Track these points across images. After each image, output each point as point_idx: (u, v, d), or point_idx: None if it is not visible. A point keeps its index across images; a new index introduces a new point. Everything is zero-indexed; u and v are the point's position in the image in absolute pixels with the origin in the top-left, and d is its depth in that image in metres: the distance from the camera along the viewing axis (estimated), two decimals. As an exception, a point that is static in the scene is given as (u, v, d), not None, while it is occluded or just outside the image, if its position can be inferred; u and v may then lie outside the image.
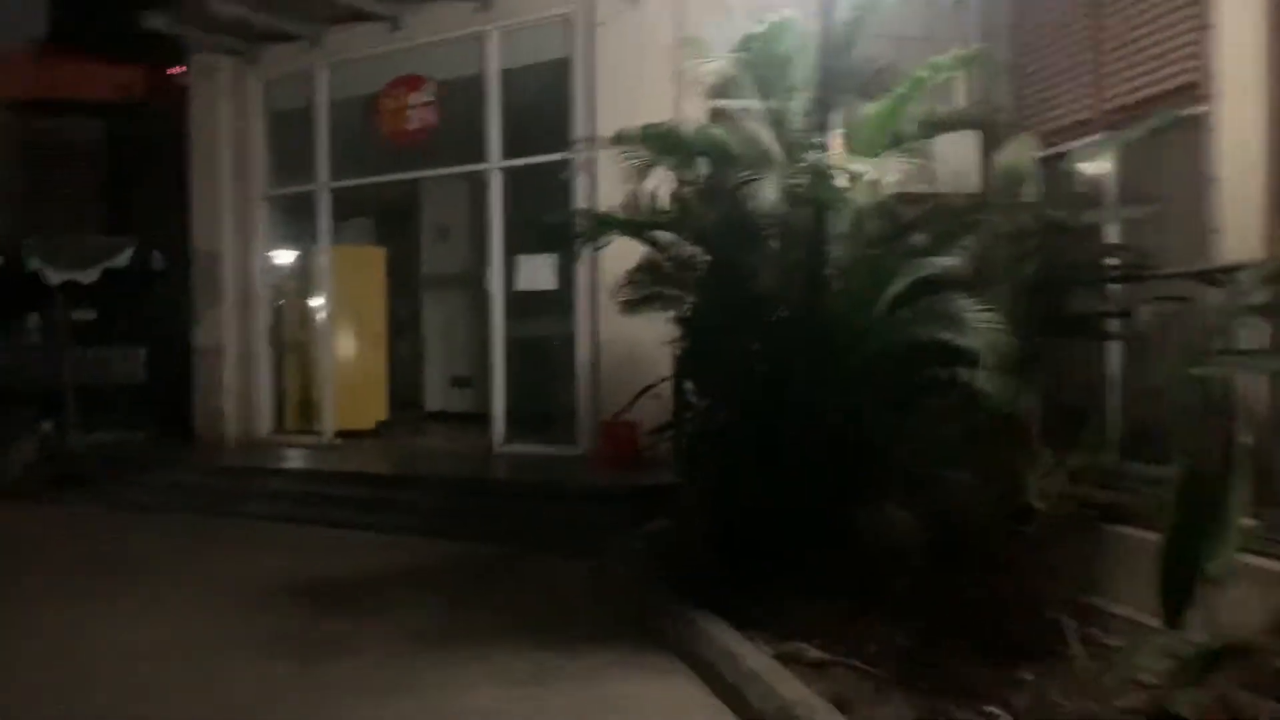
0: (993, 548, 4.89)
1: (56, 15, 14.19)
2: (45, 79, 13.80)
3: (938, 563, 5.20)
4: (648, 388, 6.78)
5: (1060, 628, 4.48)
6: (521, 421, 10.55)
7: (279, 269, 12.40)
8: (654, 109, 7.66)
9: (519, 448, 10.18)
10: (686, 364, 6.46)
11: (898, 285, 5.34)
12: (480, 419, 13.14)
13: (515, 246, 10.38)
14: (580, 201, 9.61)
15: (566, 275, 9.95)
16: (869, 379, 5.43)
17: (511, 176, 10.36)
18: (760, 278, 5.46)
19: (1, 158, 14.92)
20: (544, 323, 10.90)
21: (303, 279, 12.32)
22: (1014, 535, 5.00)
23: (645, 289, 6.84)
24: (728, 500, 5.97)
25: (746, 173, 5.03)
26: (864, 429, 5.34)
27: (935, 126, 5.53)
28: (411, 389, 15.62)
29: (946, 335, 5.15)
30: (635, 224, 6.38)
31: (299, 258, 12.34)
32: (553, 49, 10.04)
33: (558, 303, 10.46)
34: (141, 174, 13.70)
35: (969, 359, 5.27)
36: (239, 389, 12.02)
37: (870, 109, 5.37)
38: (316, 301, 11.92)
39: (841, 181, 4.98)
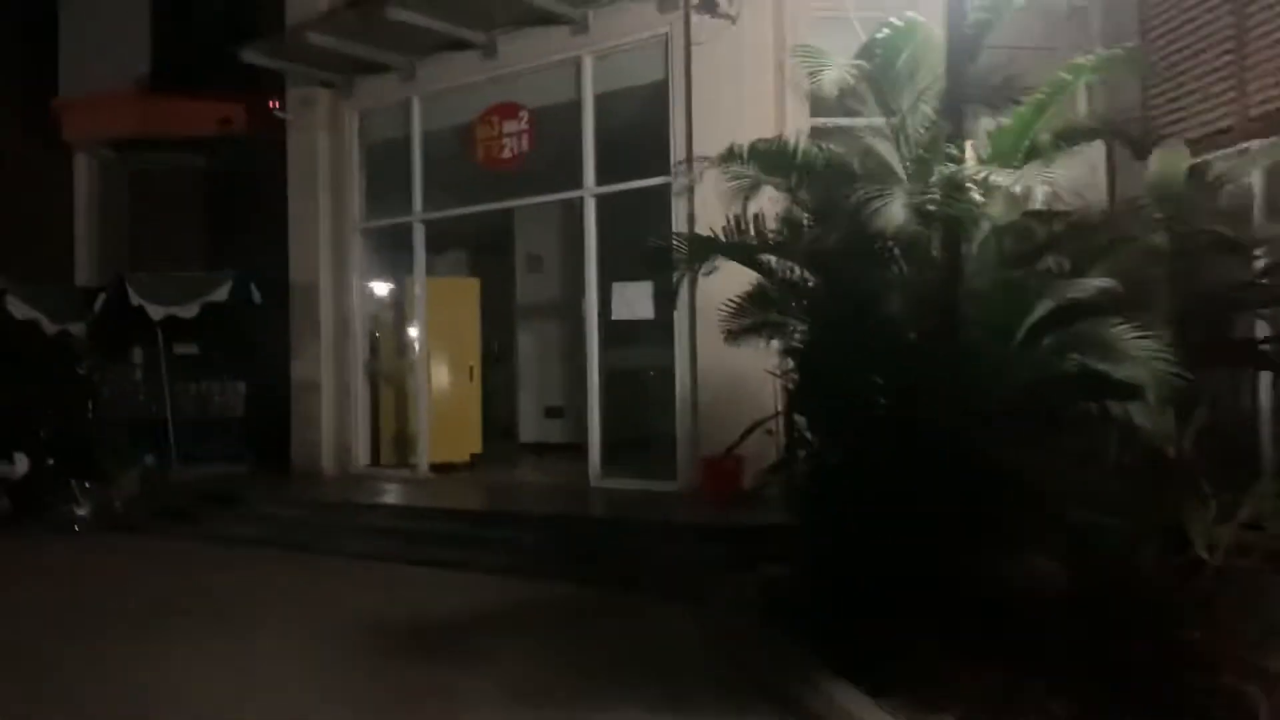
0: (1157, 604, 4.34)
1: (159, 53, 14.39)
2: (148, 116, 14.02)
3: (1094, 620, 4.67)
4: (759, 423, 6.37)
5: (1243, 696, 3.93)
6: (618, 455, 10.21)
7: (374, 301, 12.32)
8: (754, 130, 7.23)
9: (616, 482, 9.83)
10: (799, 398, 6.02)
11: (1040, 310, 4.85)
12: (575, 450, 12.91)
13: (611, 274, 10.08)
14: (678, 227, 9.27)
15: (665, 304, 9.60)
16: (1009, 414, 4.93)
17: (606, 203, 10.07)
18: (884, 304, 5.01)
19: (107, 195, 15.25)
20: (641, 353, 10.58)
21: (398, 311, 12.24)
22: (1180, 589, 4.44)
23: (751, 317, 6.46)
24: (850, 546, 5.51)
25: (868, 189, 4.59)
26: (1005, 470, 4.83)
27: (1075, 136, 5.03)
28: (505, 420, 15.52)
29: (1101, 366, 4.65)
30: (741, 247, 5.99)
31: (394, 290, 12.26)
32: (648, 72, 9.75)
33: (655, 332, 10.13)
34: (241, 208, 13.80)
35: (1122, 391, 4.78)
36: (335, 422, 11.93)
37: (1008, 118, 4.89)
38: (411, 333, 11.78)
39: (977, 196, 4.52)
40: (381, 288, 12.36)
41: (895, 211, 4.49)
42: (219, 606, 7.30)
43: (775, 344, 6.89)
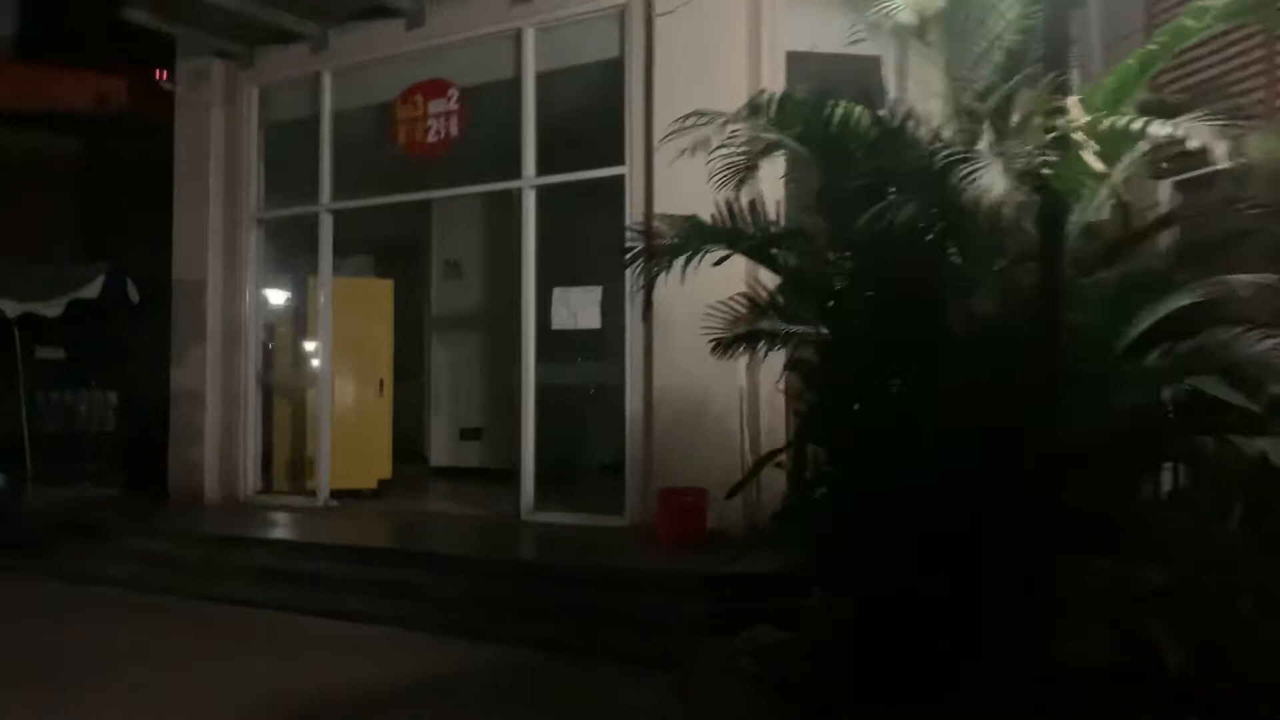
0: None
1: (27, 15, 12.65)
2: (13, 87, 12.24)
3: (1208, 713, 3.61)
4: (771, 454, 5.17)
5: None
6: (554, 484, 8.91)
7: (271, 303, 10.80)
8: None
9: (551, 515, 8.53)
10: (817, 423, 4.85)
11: (1148, 317, 3.80)
12: (494, 477, 11.65)
13: (551, 278, 8.81)
14: (633, 221, 8.08)
15: (614, 312, 8.39)
16: (1105, 450, 3.85)
17: (548, 196, 8.81)
18: (951, 304, 3.88)
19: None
20: (584, 369, 9.33)
21: (298, 315, 10.75)
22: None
23: (747, 324, 5.31)
24: (885, 610, 4.37)
25: (953, 150, 3.46)
26: (1104, 520, 3.74)
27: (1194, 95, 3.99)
28: (414, 442, 14.16)
29: (1223, 390, 3.61)
30: (750, 236, 4.83)
31: (294, 290, 10.77)
32: (601, 47, 8.54)
33: (601, 345, 8.92)
34: (119, 194, 12.13)
35: (1252, 423, 3.74)
36: (221, 441, 10.36)
37: (1114, 70, 3.83)
38: (314, 341, 10.30)
39: (1094, 160, 3.42)
40: (280, 288, 10.85)
41: (993, 179, 3.36)
42: (62, 676, 5.77)
43: (765, 358, 5.84)
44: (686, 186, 5.57)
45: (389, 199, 9.83)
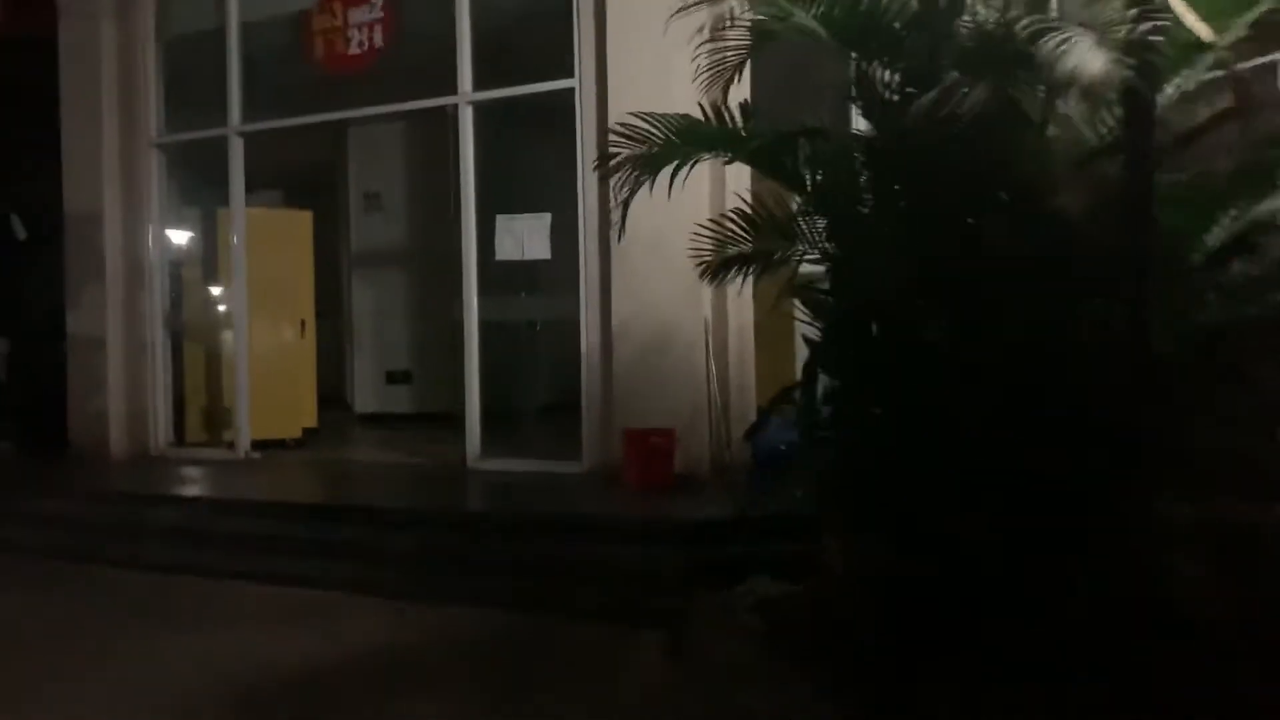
0: None
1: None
2: None
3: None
4: (790, 388, 4.61)
5: None
6: (502, 429, 8.27)
7: (177, 237, 9.84)
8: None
9: (501, 463, 7.89)
10: (834, 350, 4.30)
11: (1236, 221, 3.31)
12: (425, 421, 11.00)
13: (494, 205, 8.07)
14: (586, 142, 7.40)
15: (565, 241, 7.73)
16: (1182, 369, 3.38)
17: (488, 113, 8.04)
18: (1023, 209, 3.33)
19: None
20: (532, 303, 8.65)
21: (209, 250, 9.82)
22: None
23: (736, 245, 4.73)
24: (913, 554, 3.89)
25: (1038, 20, 2.89)
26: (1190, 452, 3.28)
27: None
28: (336, 387, 13.38)
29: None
30: (747, 139, 4.22)
31: (204, 222, 9.82)
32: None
33: (551, 276, 8.25)
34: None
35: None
36: (127, 389, 9.43)
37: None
38: (226, 280, 9.41)
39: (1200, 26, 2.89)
40: (187, 221, 9.89)
41: (1088, 52, 2.80)
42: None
43: (742, 289, 5.27)
44: (648, 98, 4.98)
45: (307, 119, 8.92)
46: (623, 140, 4.59)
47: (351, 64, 8.49)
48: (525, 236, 7.80)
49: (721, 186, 7.08)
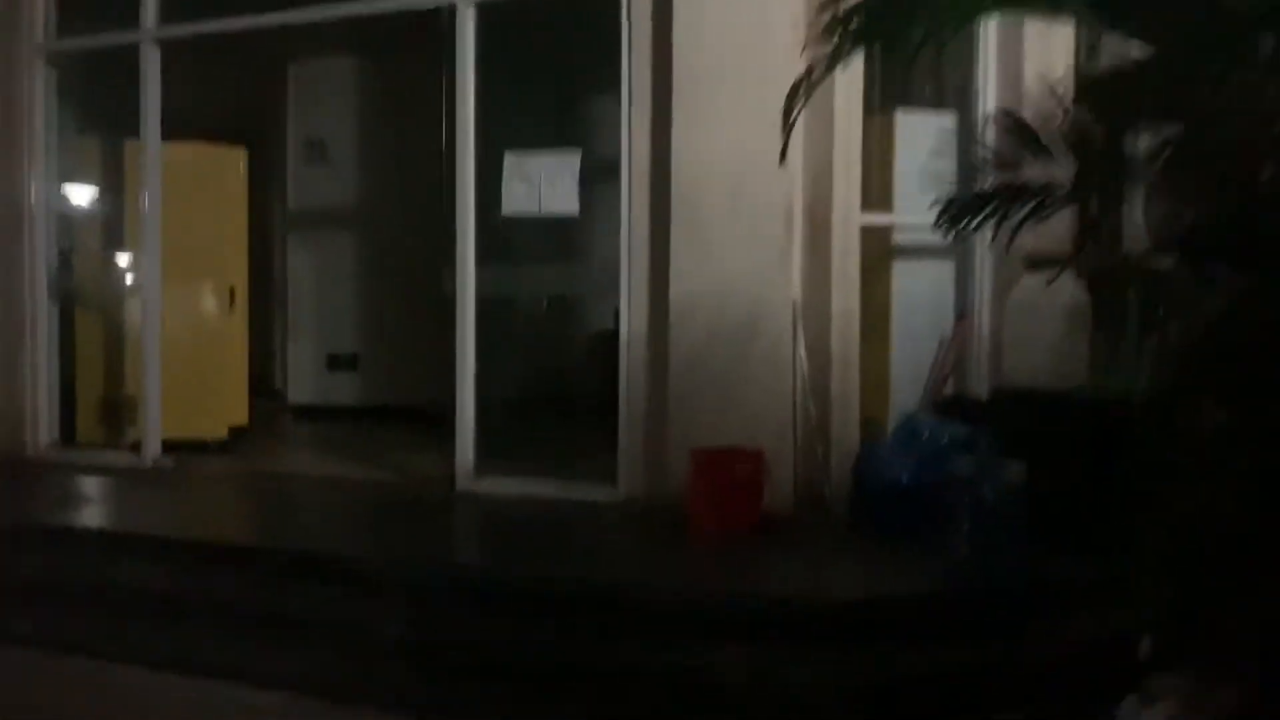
0: None
1: None
2: None
3: None
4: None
5: None
6: (500, 436, 6.25)
7: (70, 180, 7.60)
8: None
9: (504, 484, 5.88)
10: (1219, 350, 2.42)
11: None
12: (372, 415, 9.02)
13: (497, 140, 6.05)
14: (638, 53, 5.45)
15: (599, 190, 5.77)
16: None
17: (497, 17, 6.00)
18: None
19: None
20: (547, 273, 6.64)
21: (111, 197, 7.61)
22: None
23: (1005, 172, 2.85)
24: None
25: None
26: None
27: None
28: (265, 372, 11.30)
29: None
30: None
31: (104, 159, 7.59)
32: None
33: (577, 238, 6.27)
34: None
35: None
36: (2, 374, 7.21)
37: None
38: (134, 233, 7.20)
39: None
40: (83, 155, 7.65)
41: None
42: None
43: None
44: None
45: (251, 22, 6.72)
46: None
47: (308, -51, 6.38)
48: (544, 182, 5.78)
49: (826, 124, 5.18)
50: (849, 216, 5.31)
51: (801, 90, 2.96)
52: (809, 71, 3.04)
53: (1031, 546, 4.18)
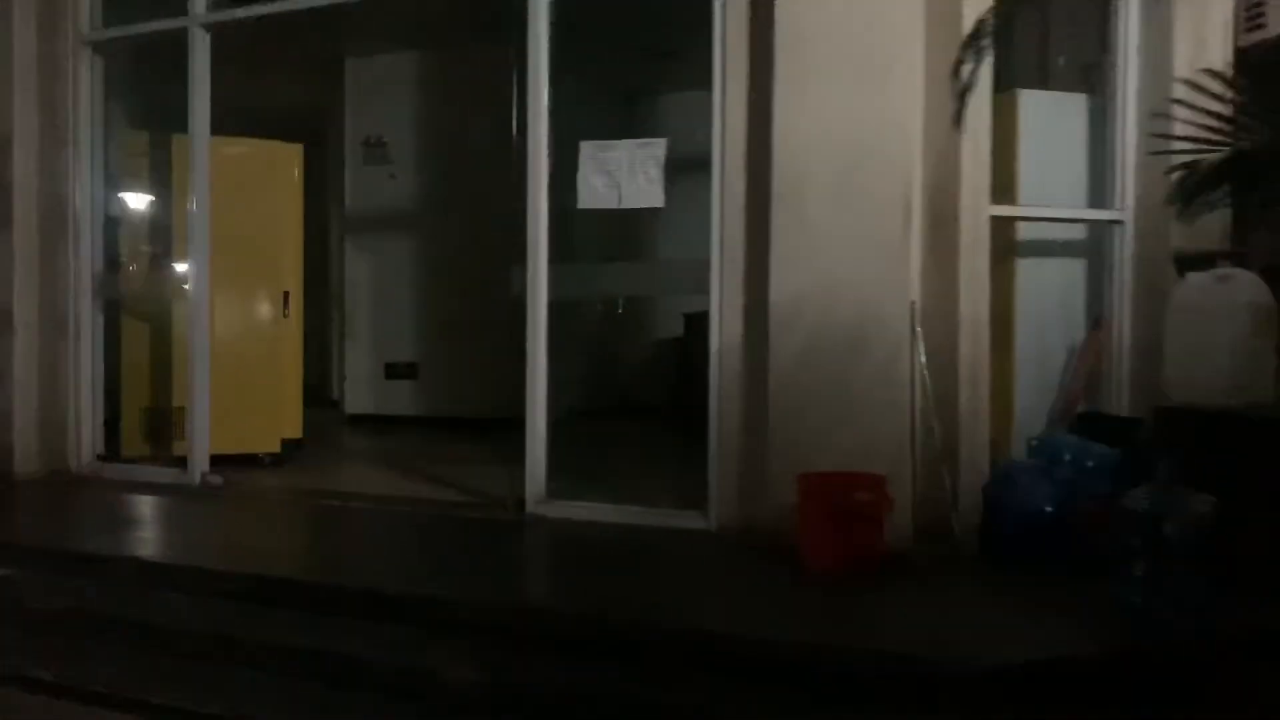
0: None
1: None
2: None
3: None
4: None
5: None
6: (576, 454, 5.68)
7: (116, 175, 7.17)
8: None
9: (580, 509, 5.31)
10: None
11: None
12: (433, 427, 8.66)
13: (572, 129, 5.49)
14: (729, 8, 4.85)
15: (685, 183, 5.17)
16: None
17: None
18: None
19: None
20: (635, 275, 6.04)
21: (159, 194, 7.19)
22: None
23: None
24: None
25: None
26: None
27: None
28: (320, 381, 11.01)
29: None
30: None
31: (153, 154, 7.16)
32: None
33: (657, 234, 5.68)
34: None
35: None
36: (41, 382, 6.80)
37: None
38: (183, 233, 6.74)
39: None
40: (131, 151, 7.23)
41: None
42: None
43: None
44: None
45: (305, 1, 6.22)
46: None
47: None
48: (624, 174, 5.20)
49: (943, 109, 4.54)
50: (978, 206, 4.66)
51: (972, 48, 2.33)
52: (980, 25, 2.41)
53: (1221, 593, 3.51)
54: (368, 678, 3.77)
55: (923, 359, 4.63)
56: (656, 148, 5.14)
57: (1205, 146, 2.75)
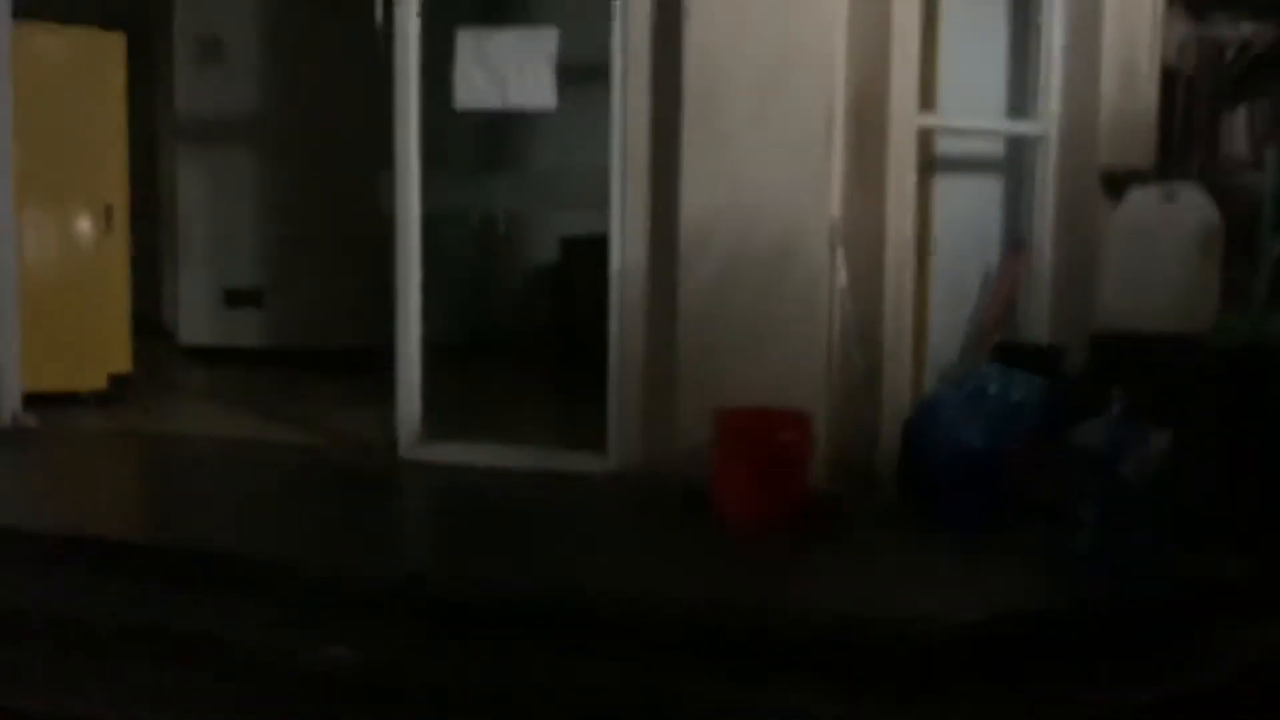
0: None
1: None
2: None
3: None
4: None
5: None
6: (455, 390, 5.09)
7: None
8: None
9: (460, 451, 4.74)
10: None
11: None
12: (281, 360, 7.86)
13: (446, 18, 4.80)
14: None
15: (580, 81, 4.58)
16: None
17: None
18: None
19: None
20: (523, 187, 5.41)
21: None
22: None
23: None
24: None
25: None
26: None
27: None
28: (151, 307, 9.97)
29: None
30: None
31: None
32: None
33: (550, 139, 5.09)
34: None
35: None
36: None
37: None
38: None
39: None
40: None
41: None
42: None
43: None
44: None
45: None
46: None
47: None
48: (510, 69, 4.56)
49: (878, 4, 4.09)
50: (906, 115, 4.24)
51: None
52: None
53: (1177, 540, 3.25)
54: (216, 659, 3.17)
55: (843, 283, 4.22)
56: (547, 39, 4.51)
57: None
